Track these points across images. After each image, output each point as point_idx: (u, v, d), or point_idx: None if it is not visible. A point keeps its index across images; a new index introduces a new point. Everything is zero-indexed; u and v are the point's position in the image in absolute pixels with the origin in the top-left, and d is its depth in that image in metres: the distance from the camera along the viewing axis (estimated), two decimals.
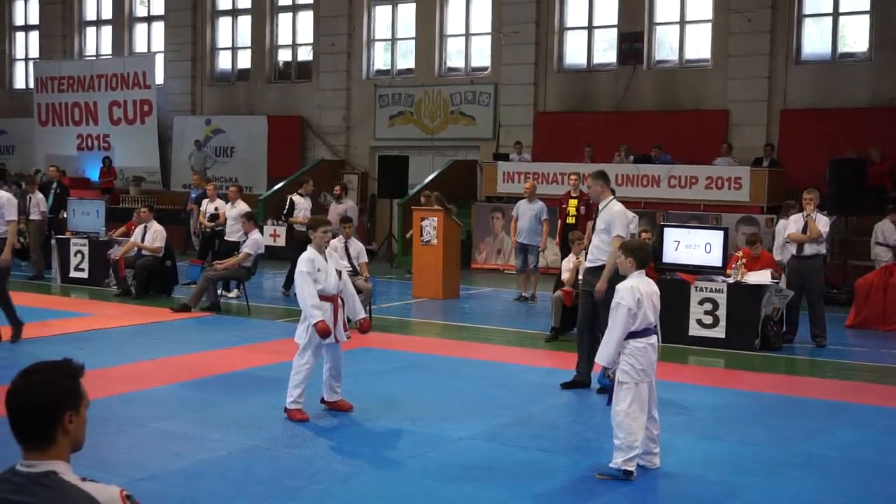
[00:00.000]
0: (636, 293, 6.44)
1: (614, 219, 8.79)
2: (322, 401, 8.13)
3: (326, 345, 7.92)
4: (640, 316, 6.43)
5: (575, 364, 9.31)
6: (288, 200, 16.53)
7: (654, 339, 6.59)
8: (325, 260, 7.96)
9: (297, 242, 16.10)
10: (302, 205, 16.33)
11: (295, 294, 15.54)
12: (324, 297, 7.84)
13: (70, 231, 17.08)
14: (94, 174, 27.44)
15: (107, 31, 29.76)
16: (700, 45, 21.48)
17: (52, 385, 2.64)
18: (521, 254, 15.57)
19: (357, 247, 12.98)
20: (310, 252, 7.94)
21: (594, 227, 9.28)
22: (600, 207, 9.04)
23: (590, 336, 8.97)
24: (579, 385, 9.14)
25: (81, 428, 2.70)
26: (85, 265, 16.50)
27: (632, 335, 6.46)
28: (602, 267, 8.70)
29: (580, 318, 9.36)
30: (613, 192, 9.38)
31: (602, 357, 6.58)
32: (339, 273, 8.06)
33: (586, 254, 9.45)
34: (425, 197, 17.59)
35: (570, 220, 15.13)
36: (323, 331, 7.66)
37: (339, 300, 8.00)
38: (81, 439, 2.71)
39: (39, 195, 17.57)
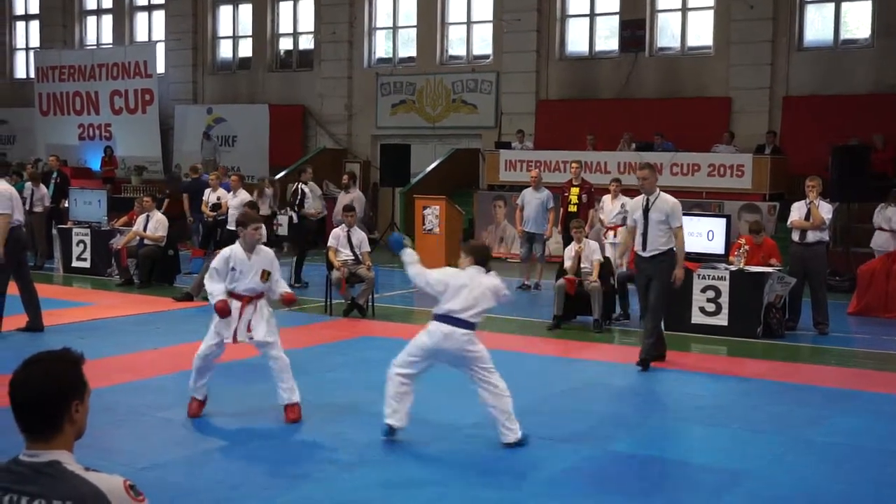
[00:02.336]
0: (446, 276, 6.70)
1: (672, 210, 9.47)
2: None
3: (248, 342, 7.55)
4: (443, 300, 6.63)
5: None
6: (300, 190, 16.45)
7: (448, 327, 6.63)
8: (249, 259, 7.48)
9: (306, 232, 16.08)
10: (310, 194, 16.33)
11: (301, 284, 15.57)
12: (233, 294, 7.45)
13: (72, 220, 17.08)
14: (95, 164, 27.43)
15: (107, 20, 29.72)
16: (702, 33, 21.43)
17: (57, 375, 2.64)
18: (526, 243, 15.53)
19: (359, 236, 12.97)
20: (230, 251, 7.53)
21: (632, 217, 9.83)
22: (651, 199, 9.57)
23: (653, 319, 9.66)
24: (646, 363, 9.56)
25: (85, 416, 2.71)
26: (87, 255, 16.51)
27: (434, 316, 6.70)
28: (659, 255, 9.46)
29: (642, 306, 9.89)
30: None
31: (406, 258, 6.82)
32: (268, 274, 7.52)
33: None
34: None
35: (572, 209, 15.12)
36: (221, 309, 7.33)
37: (252, 301, 7.46)
38: (84, 427, 2.72)
39: (43, 189, 17.56)
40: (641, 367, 9.50)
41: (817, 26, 20.44)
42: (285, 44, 26.91)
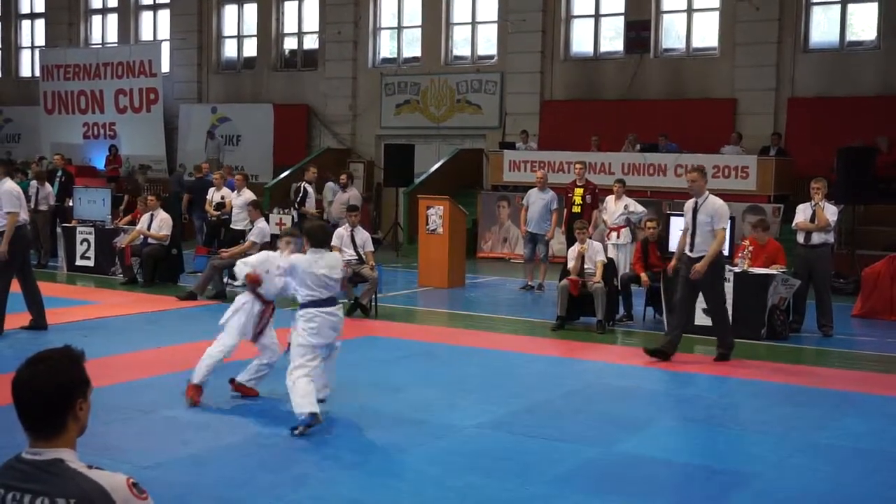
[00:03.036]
0: (303, 263, 7.20)
1: (717, 212, 9.89)
2: (231, 380, 8.11)
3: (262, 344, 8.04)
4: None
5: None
6: (302, 189, 16.42)
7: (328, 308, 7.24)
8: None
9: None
10: (313, 194, 16.33)
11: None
12: (262, 299, 7.95)
13: (76, 219, 17.10)
14: (99, 162, 27.45)
15: (112, 18, 29.75)
16: (707, 34, 21.42)
17: (62, 374, 2.63)
18: (530, 243, 15.52)
19: (363, 235, 12.98)
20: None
21: (684, 220, 10.15)
22: (699, 201, 9.99)
23: (682, 315, 10.06)
24: (662, 354, 9.88)
25: (88, 414, 2.71)
26: (91, 253, 16.52)
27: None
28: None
29: (678, 298, 10.16)
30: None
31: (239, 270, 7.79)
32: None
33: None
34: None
35: (576, 209, 15.12)
36: (253, 280, 7.82)
37: (273, 308, 8.07)
38: (86, 425, 2.72)
39: (48, 187, 17.58)
40: (722, 359, 10.01)
41: (823, 28, 20.40)
42: (290, 43, 26.91)
